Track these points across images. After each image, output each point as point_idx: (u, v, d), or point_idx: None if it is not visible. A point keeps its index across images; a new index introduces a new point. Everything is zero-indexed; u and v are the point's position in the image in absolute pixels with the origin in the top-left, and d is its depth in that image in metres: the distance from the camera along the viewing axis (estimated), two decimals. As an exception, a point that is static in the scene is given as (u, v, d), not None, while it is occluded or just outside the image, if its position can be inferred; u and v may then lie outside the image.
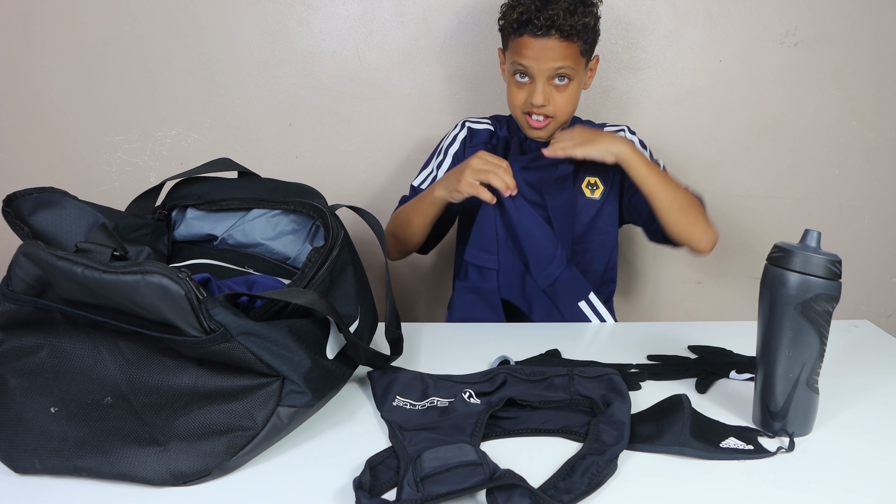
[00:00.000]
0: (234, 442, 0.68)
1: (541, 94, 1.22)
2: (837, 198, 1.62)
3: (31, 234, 0.80)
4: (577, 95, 1.26)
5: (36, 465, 0.67)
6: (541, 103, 1.22)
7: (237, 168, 1.00)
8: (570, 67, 1.21)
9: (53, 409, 0.68)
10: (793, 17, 1.50)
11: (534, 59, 1.20)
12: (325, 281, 0.77)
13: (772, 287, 0.74)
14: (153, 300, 0.63)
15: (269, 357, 0.68)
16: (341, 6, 1.49)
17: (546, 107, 1.23)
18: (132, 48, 1.49)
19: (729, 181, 1.59)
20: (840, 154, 1.59)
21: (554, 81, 1.22)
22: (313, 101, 1.54)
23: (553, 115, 1.24)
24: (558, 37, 1.18)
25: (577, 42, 1.20)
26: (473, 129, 1.36)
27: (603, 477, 0.67)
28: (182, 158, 1.56)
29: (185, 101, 1.52)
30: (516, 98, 1.26)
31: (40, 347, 0.70)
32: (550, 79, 1.22)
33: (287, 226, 0.95)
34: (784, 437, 0.76)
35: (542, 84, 1.22)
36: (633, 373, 0.91)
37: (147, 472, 0.66)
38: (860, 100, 1.55)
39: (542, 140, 1.28)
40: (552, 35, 1.18)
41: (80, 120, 1.53)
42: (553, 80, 1.22)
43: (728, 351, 0.98)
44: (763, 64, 1.52)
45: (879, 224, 1.63)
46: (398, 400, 0.82)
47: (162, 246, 0.95)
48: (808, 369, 0.74)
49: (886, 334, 1.06)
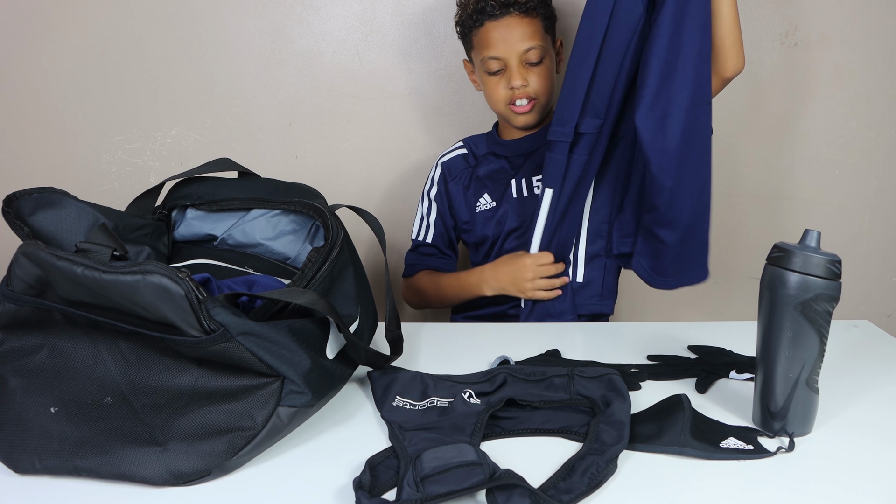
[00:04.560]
0: (234, 442, 0.68)
1: (517, 74, 1.21)
2: (837, 198, 1.62)
3: (31, 234, 0.80)
4: (552, 73, 1.26)
5: (36, 465, 0.67)
6: (520, 83, 1.21)
7: (237, 168, 1.00)
8: (539, 45, 1.21)
9: (53, 409, 0.68)
10: (793, 17, 1.50)
11: (502, 42, 1.20)
12: (325, 281, 0.77)
13: (772, 287, 0.74)
14: (153, 300, 0.63)
15: (269, 357, 0.68)
16: (341, 6, 1.49)
17: (527, 87, 1.23)
18: (132, 48, 1.49)
19: (729, 181, 1.59)
20: (840, 154, 1.59)
21: (527, 64, 1.22)
22: (313, 101, 1.54)
23: (536, 96, 1.24)
24: (518, 13, 1.20)
25: (537, 17, 1.21)
26: (446, 162, 1.38)
27: (603, 477, 0.67)
28: (182, 158, 1.56)
29: (185, 101, 1.52)
30: (495, 92, 1.25)
31: (40, 347, 0.70)
32: (523, 61, 1.22)
33: (287, 226, 0.95)
34: (784, 437, 0.76)
35: (517, 65, 1.22)
36: (633, 373, 0.91)
37: (147, 472, 0.66)
38: (860, 100, 1.55)
39: (529, 125, 1.28)
40: (511, 13, 1.20)
41: (80, 120, 1.53)
42: (526, 63, 1.22)
43: (728, 351, 0.98)
44: (763, 64, 1.52)
45: (879, 224, 1.63)
46: (398, 400, 0.82)
47: (162, 246, 0.95)
48: (808, 369, 0.74)
49: (886, 334, 1.06)
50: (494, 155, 1.35)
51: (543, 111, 1.28)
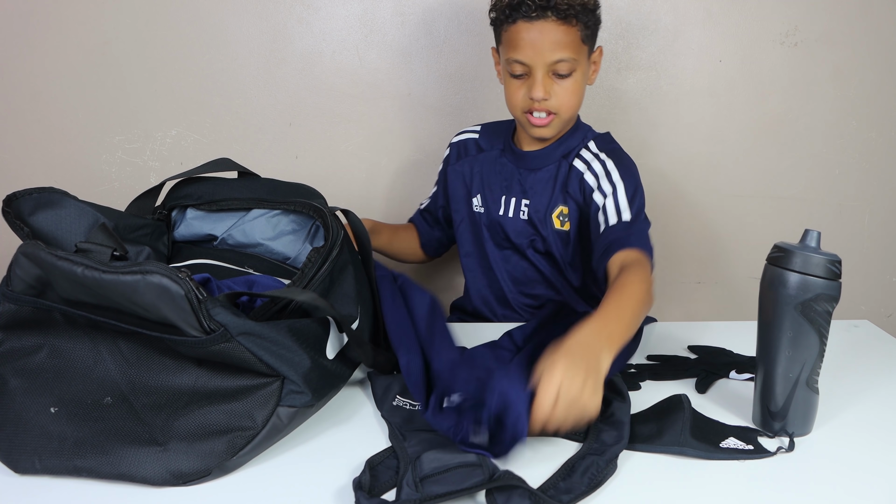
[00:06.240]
0: (234, 442, 0.68)
1: (541, 85, 1.10)
2: (837, 198, 1.62)
3: (31, 234, 0.80)
4: (581, 88, 1.15)
5: (36, 465, 0.67)
6: (541, 96, 1.11)
7: (237, 168, 1.00)
8: (571, 58, 1.10)
9: (53, 410, 0.68)
10: (793, 17, 1.50)
11: (530, 47, 1.09)
12: (325, 281, 0.77)
13: (772, 287, 0.74)
14: (153, 300, 0.63)
15: (269, 357, 0.68)
16: (341, 6, 1.49)
17: (548, 101, 1.12)
18: (132, 48, 1.49)
19: (729, 181, 1.59)
20: (840, 154, 1.59)
21: (554, 75, 1.11)
22: (313, 101, 1.54)
23: (556, 111, 1.13)
24: (555, 18, 1.07)
25: (576, 26, 1.09)
26: (454, 144, 1.35)
27: (603, 477, 0.67)
28: (182, 158, 1.55)
29: (185, 101, 1.52)
30: (515, 97, 1.15)
31: (40, 347, 0.70)
32: (550, 71, 1.11)
33: (287, 226, 0.95)
34: (784, 437, 0.76)
35: (542, 76, 1.10)
36: (632, 373, 0.91)
37: (147, 472, 0.66)
38: (860, 100, 1.55)
39: (544, 138, 1.19)
40: (548, 17, 1.07)
41: (80, 120, 1.53)
42: (553, 74, 1.11)
43: (728, 351, 0.98)
44: (763, 64, 1.52)
45: (879, 224, 1.63)
46: (398, 400, 0.81)
47: (162, 246, 0.95)
48: (808, 369, 0.74)
49: (886, 334, 1.06)
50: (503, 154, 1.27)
51: (563, 125, 1.18)
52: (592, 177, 1.18)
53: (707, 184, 1.58)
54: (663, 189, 1.59)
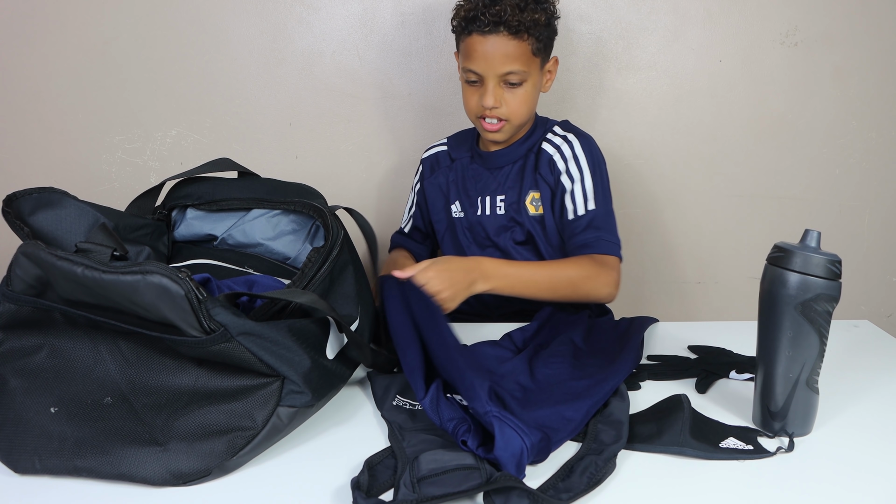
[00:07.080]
0: (234, 442, 0.68)
1: (491, 95, 1.16)
2: (837, 198, 1.62)
3: (31, 234, 0.80)
4: (532, 97, 1.20)
5: (36, 465, 0.67)
6: (491, 105, 1.17)
7: (237, 168, 1.00)
8: (521, 70, 1.16)
9: (53, 410, 0.68)
10: (793, 17, 1.50)
11: (483, 59, 1.15)
12: (325, 281, 0.77)
13: (772, 287, 0.74)
14: (153, 300, 0.63)
15: (269, 357, 0.68)
16: (341, 6, 1.49)
17: (499, 109, 1.18)
18: (132, 48, 1.49)
19: (729, 181, 1.59)
20: (840, 154, 1.59)
21: (506, 84, 1.17)
22: (313, 101, 1.54)
23: (507, 118, 1.19)
24: (507, 33, 1.13)
25: (527, 40, 1.15)
26: (425, 159, 1.38)
27: (602, 475, 0.67)
28: (182, 158, 1.56)
29: (185, 101, 1.52)
30: (469, 102, 1.21)
31: (40, 347, 0.70)
32: (502, 81, 1.17)
33: (287, 226, 0.95)
34: (784, 437, 0.76)
35: (493, 85, 1.16)
36: (633, 373, 0.91)
37: (147, 472, 0.66)
38: (860, 100, 1.55)
39: (497, 142, 1.25)
40: (500, 32, 1.13)
41: (80, 120, 1.53)
42: (504, 83, 1.17)
43: (728, 351, 0.98)
44: (763, 64, 1.52)
45: (879, 224, 1.63)
46: (398, 400, 0.82)
47: (162, 246, 0.95)
48: (808, 369, 0.74)
49: (886, 334, 1.06)
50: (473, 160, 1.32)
51: (514, 131, 1.24)
52: (561, 160, 1.23)
53: (707, 184, 1.58)
54: (663, 189, 1.59)
